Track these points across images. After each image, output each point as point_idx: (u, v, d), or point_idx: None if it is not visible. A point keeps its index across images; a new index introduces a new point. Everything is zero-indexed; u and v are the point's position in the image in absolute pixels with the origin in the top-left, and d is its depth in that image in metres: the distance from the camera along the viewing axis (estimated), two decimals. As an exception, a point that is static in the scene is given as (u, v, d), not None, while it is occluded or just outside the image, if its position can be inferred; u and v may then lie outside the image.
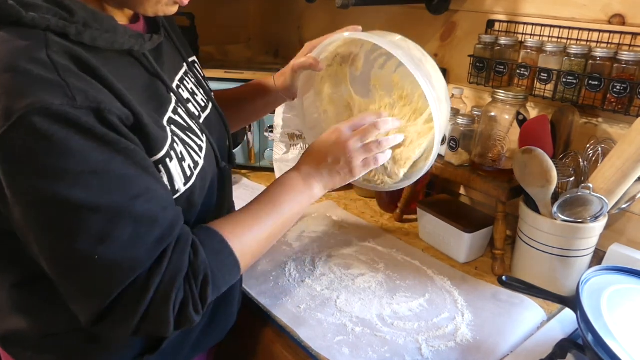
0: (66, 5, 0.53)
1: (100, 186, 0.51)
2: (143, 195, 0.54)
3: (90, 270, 0.52)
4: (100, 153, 0.51)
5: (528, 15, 1.06)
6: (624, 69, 0.88)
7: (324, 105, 0.94)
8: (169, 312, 0.55)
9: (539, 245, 0.90)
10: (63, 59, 0.51)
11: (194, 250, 0.59)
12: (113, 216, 0.52)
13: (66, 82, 0.50)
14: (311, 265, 0.99)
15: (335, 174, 0.74)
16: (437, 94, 0.75)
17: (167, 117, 0.63)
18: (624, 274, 0.76)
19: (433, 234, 1.07)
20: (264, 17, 1.81)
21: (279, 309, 0.86)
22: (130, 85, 0.58)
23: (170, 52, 0.74)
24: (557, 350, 0.73)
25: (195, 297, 0.58)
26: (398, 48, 0.73)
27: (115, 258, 0.52)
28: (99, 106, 0.51)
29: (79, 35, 0.54)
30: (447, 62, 1.24)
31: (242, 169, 1.44)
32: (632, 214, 0.97)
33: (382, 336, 0.80)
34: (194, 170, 0.65)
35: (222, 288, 0.63)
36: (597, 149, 0.92)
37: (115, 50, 0.58)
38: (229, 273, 0.63)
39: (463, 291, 0.92)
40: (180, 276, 0.56)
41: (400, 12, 1.32)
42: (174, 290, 0.55)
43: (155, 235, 0.55)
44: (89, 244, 0.51)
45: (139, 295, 0.54)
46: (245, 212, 0.69)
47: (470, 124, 1.01)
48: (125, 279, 0.53)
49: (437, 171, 1.05)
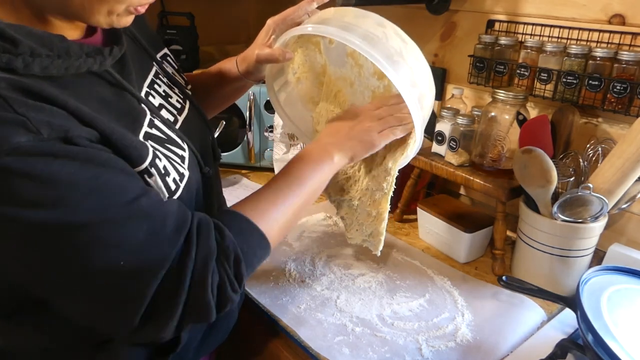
0: (8, 35, 0.48)
1: (99, 201, 0.50)
2: (143, 194, 0.53)
3: (118, 279, 0.51)
4: (85, 171, 0.49)
5: (528, 15, 1.06)
6: (624, 69, 0.88)
7: (298, 73, 0.90)
8: (208, 297, 0.54)
9: (539, 245, 0.90)
10: (14, 94, 0.47)
11: (219, 232, 0.58)
12: (123, 222, 0.51)
13: (26, 116, 0.46)
14: (311, 265, 0.99)
15: (355, 141, 0.73)
16: (419, 91, 0.70)
17: (143, 132, 0.60)
18: (624, 274, 0.76)
19: (433, 234, 1.07)
20: (264, 17, 1.79)
21: (279, 309, 0.86)
22: (98, 106, 0.55)
23: (136, 55, 0.69)
24: (557, 350, 0.73)
25: (231, 277, 0.57)
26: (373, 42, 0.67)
27: (140, 258, 0.51)
28: (67, 134, 0.48)
29: (27, 67, 0.48)
30: (447, 62, 1.24)
31: (242, 169, 1.44)
32: (632, 214, 0.97)
33: (382, 336, 0.80)
34: (180, 183, 0.62)
35: (255, 265, 0.62)
36: (597, 149, 0.92)
37: (73, 74, 0.54)
38: (259, 248, 0.62)
39: (463, 291, 0.92)
40: (211, 259, 0.55)
41: (400, 12, 1.31)
42: (209, 275, 0.54)
43: (172, 225, 0.54)
44: (110, 254, 0.50)
45: (176, 288, 0.53)
46: (266, 189, 0.68)
47: (470, 124, 1.01)
48: (156, 275, 0.52)
49: (437, 171, 1.05)
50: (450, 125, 1.03)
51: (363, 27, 0.68)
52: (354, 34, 0.67)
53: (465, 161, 1.03)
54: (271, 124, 1.33)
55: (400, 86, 0.67)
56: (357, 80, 0.86)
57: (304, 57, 0.89)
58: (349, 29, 0.67)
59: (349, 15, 0.71)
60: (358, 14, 0.71)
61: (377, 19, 0.71)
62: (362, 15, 0.71)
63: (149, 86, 0.68)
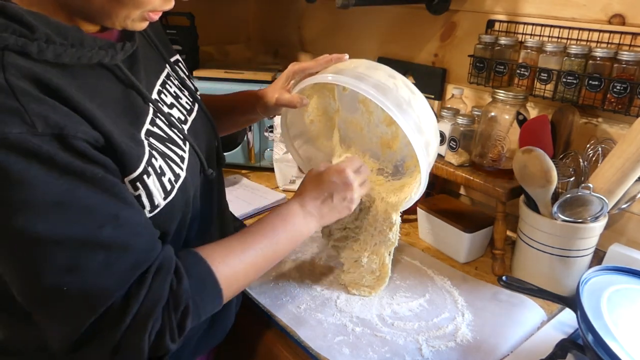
0: (26, 21, 0.49)
1: (64, 218, 0.49)
2: (111, 222, 0.52)
3: (61, 301, 0.50)
4: (62, 182, 0.48)
5: (528, 15, 1.06)
6: (624, 69, 0.88)
7: (312, 116, 0.95)
8: (143, 341, 0.53)
9: (539, 245, 0.90)
10: (22, 81, 0.48)
11: (178, 277, 0.57)
12: (80, 246, 0.50)
13: (25, 107, 0.46)
14: (311, 265, 0.99)
15: (335, 212, 0.76)
16: (426, 138, 0.75)
17: (144, 129, 0.60)
18: (624, 274, 0.76)
19: (433, 234, 1.07)
20: (264, 17, 1.81)
21: (279, 309, 0.86)
22: (103, 100, 0.55)
23: (149, 55, 0.70)
24: (557, 350, 0.73)
25: (173, 326, 0.56)
26: (385, 92, 0.72)
27: (85, 288, 0.50)
28: (62, 132, 0.48)
29: (41, 52, 0.50)
30: (447, 62, 1.24)
31: (242, 169, 1.44)
32: (632, 214, 0.97)
33: (382, 336, 0.80)
34: (175, 183, 0.62)
35: (201, 317, 0.60)
36: (597, 149, 0.92)
37: (84, 64, 0.55)
38: (210, 303, 0.61)
39: (463, 291, 0.92)
40: (159, 305, 0.54)
41: (400, 12, 1.32)
42: (151, 320, 0.53)
43: (129, 262, 0.53)
44: (56, 275, 0.49)
45: (114, 324, 0.52)
46: (237, 239, 0.67)
47: (470, 124, 1.01)
48: (97, 308, 0.51)
49: (437, 171, 1.05)
50: (450, 125, 1.03)
51: (375, 78, 0.74)
52: (368, 83, 0.73)
53: (465, 161, 1.03)
54: (271, 124, 1.33)
55: (408, 133, 0.72)
56: (367, 126, 0.94)
57: (318, 101, 0.94)
58: (363, 79, 0.73)
59: (361, 67, 0.77)
60: (370, 65, 0.78)
61: (388, 71, 0.78)
62: (374, 67, 0.78)
63: (162, 85, 0.70)
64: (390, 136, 0.93)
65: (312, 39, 1.63)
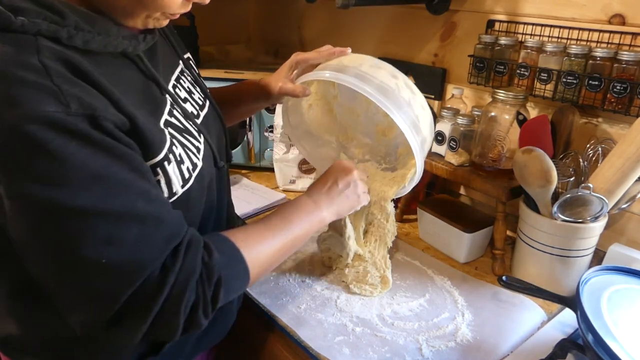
0: (57, 9, 0.52)
1: (102, 191, 0.50)
2: (144, 197, 0.53)
3: (99, 275, 0.51)
4: (98, 158, 0.50)
5: (528, 15, 1.06)
6: (624, 69, 0.88)
7: (311, 101, 0.97)
8: (179, 315, 0.54)
9: (539, 245, 0.90)
10: (55, 64, 0.50)
11: (208, 252, 0.58)
12: (118, 218, 0.51)
13: (60, 88, 0.49)
14: (311, 265, 0.99)
15: (344, 199, 0.80)
16: (422, 136, 0.78)
17: (163, 119, 0.62)
18: (624, 274, 0.76)
19: (433, 234, 1.07)
20: (264, 17, 1.81)
21: (279, 309, 0.86)
22: (126, 87, 0.57)
23: (166, 50, 0.73)
24: (557, 350, 0.73)
25: (207, 300, 0.57)
26: (387, 94, 0.74)
27: (124, 259, 0.51)
28: (94, 113, 0.50)
29: (70, 38, 0.52)
30: (447, 62, 1.24)
31: (242, 169, 1.44)
32: (632, 214, 0.97)
33: (382, 336, 0.80)
34: (192, 172, 0.64)
35: (232, 294, 0.61)
36: (597, 149, 0.92)
37: (109, 53, 0.57)
38: (240, 280, 0.62)
39: (463, 291, 0.92)
40: (193, 278, 0.55)
41: (400, 12, 1.32)
42: (187, 293, 0.54)
43: (164, 235, 0.54)
44: (96, 248, 0.50)
45: (151, 298, 0.53)
46: (257, 225, 0.69)
47: (470, 124, 1.01)
48: (135, 280, 0.52)
49: (437, 171, 1.05)
50: (450, 125, 1.03)
51: (379, 79, 0.76)
52: (371, 85, 0.75)
53: (465, 161, 1.03)
54: (271, 124, 1.33)
55: (407, 133, 0.75)
56: (364, 114, 0.98)
57: (317, 86, 0.96)
58: (366, 79, 0.75)
59: (365, 65, 0.78)
60: (373, 64, 0.79)
61: (390, 70, 0.79)
62: (377, 66, 0.79)
63: (176, 80, 0.72)
64: (386, 125, 0.97)
65: (312, 39, 1.63)
